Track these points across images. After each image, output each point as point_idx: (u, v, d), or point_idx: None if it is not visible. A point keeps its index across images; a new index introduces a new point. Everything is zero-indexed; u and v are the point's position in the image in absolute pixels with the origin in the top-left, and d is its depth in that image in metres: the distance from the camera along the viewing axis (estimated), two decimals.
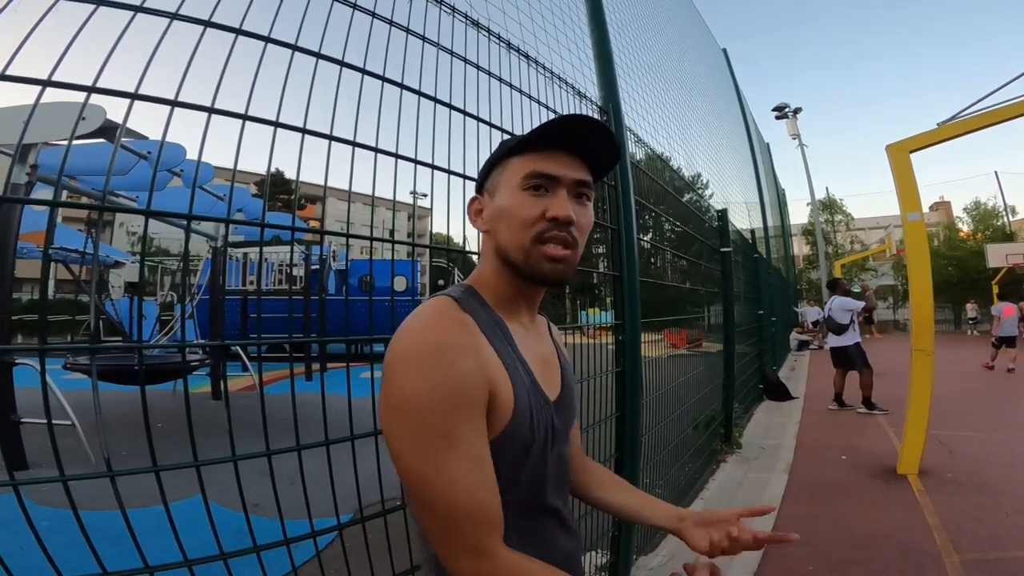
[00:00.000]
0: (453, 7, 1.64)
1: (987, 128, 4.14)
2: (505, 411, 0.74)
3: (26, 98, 1.61)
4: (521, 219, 0.79)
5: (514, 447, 0.76)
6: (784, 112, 25.56)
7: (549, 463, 0.82)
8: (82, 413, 4.24)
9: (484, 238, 0.88)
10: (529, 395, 0.78)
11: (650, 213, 3.12)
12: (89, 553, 1.06)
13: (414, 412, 0.67)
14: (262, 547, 1.20)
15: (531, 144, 0.81)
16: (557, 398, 0.86)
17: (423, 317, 0.75)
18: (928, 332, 4.30)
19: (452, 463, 0.67)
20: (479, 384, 0.71)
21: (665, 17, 5.27)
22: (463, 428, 0.68)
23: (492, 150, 0.91)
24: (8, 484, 0.97)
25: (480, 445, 0.70)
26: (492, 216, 0.83)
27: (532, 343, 0.87)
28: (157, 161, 1.32)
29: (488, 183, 0.86)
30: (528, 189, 0.80)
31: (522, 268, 0.80)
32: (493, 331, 0.79)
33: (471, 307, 0.80)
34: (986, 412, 6.67)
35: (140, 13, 1.04)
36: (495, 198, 0.84)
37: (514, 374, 0.77)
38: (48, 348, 0.99)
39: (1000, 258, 20.93)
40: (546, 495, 0.82)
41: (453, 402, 0.68)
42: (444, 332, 0.72)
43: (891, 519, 3.40)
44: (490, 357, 0.75)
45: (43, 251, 1.25)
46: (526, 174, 0.80)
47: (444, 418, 0.67)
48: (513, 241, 0.80)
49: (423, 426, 0.67)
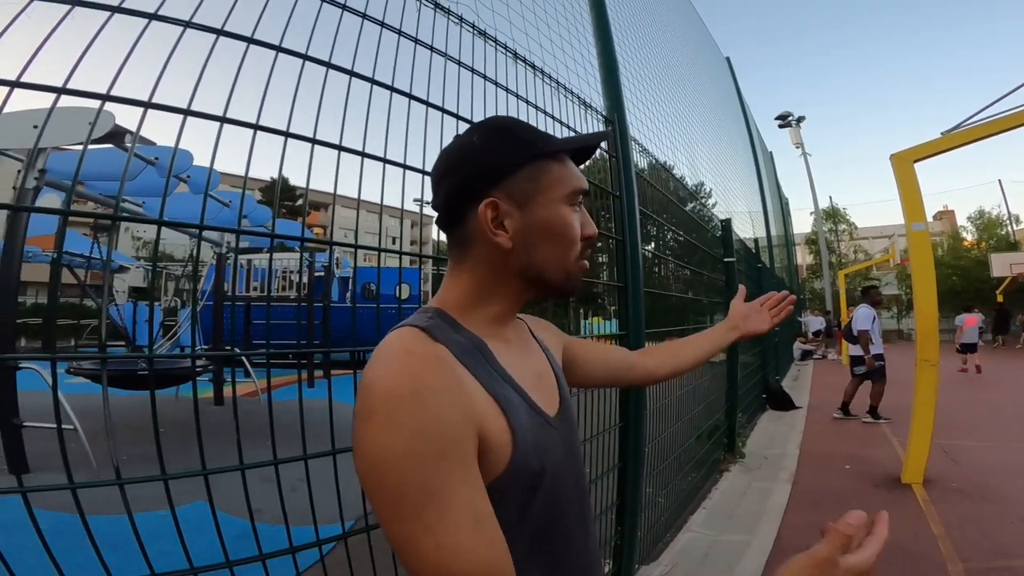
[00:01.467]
0: (461, 18, 1.66)
1: (991, 137, 4.14)
2: (503, 447, 0.65)
3: (33, 103, 1.63)
4: (573, 239, 0.74)
5: (523, 481, 0.67)
6: (787, 121, 25.59)
7: (565, 486, 0.74)
8: (83, 417, 4.24)
9: (489, 252, 0.74)
10: (528, 422, 0.69)
11: (654, 223, 3.12)
12: (89, 557, 1.06)
13: (392, 469, 0.57)
14: (268, 555, 1.20)
15: (564, 151, 0.77)
16: (558, 412, 0.78)
17: (391, 359, 0.64)
18: (933, 342, 4.28)
19: (446, 527, 0.56)
20: (465, 427, 0.61)
21: (669, 27, 5.30)
22: (451, 480, 0.58)
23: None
24: (17, 491, 0.98)
25: (472, 497, 0.59)
26: (527, 230, 0.73)
27: (520, 357, 0.78)
28: (170, 169, 1.33)
29: (511, 185, 0.73)
30: (572, 206, 0.75)
31: (558, 286, 0.76)
32: (473, 357, 0.69)
33: (443, 335, 0.69)
34: (991, 421, 6.64)
35: (154, 21, 1.05)
36: (531, 209, 0.73)
37: (507, 403, 0.68)
38: (58, 356, 1.00)
39: (1004, 267, 20.88)
40: (565, 520, 0.74)
41: (436, 451, 0.58)
42: (418, 373, 0.61)
43: (895, 528, 3.31)
44: (475, 392, 0.65)
45: (52, 258, 1.26)
46: (575, 190, 0.75)
47: (427, 471, 0.57)
48: (558, 260, 0.74)
49: (404, 484, 0.57)
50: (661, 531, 3.12)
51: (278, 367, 10.34)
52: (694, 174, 5.28)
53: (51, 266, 1.61)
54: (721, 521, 3.55)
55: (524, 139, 0.74)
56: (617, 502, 2.37)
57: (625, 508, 2.37)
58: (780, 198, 16.49)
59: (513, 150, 0.73)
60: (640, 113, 3.08)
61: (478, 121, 0.83)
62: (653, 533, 2.96)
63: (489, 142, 0.75)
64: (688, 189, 4.69)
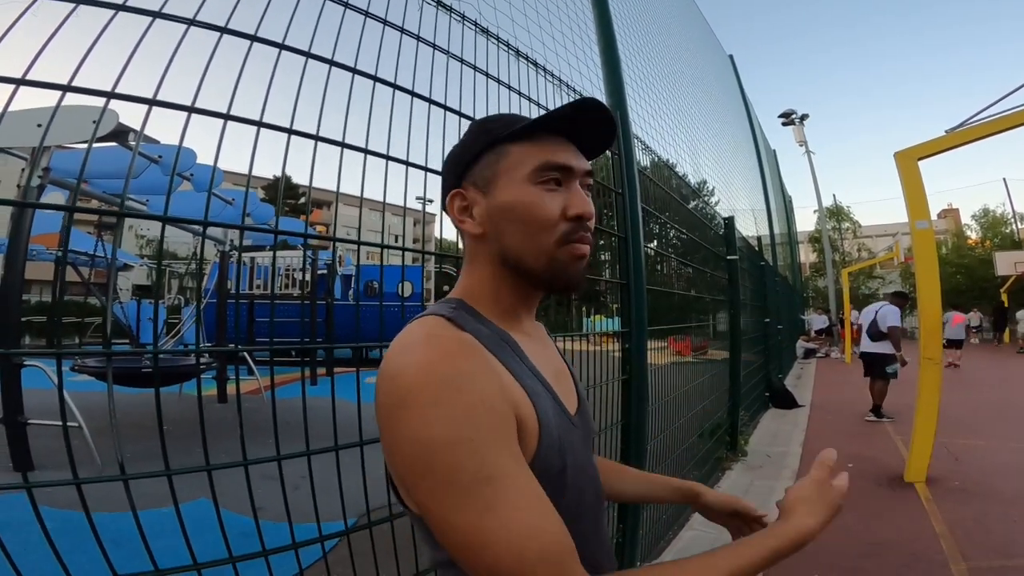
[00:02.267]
0: (463, 15, 1.66)
1: (996, 135, 4.12)
2: (531, 440, 0.63)
3: (36, 101, 1.64)
4: (541, 219, 0.69)
5: (544, 478, 0.63)
6: (791, 119, 25.52)
7: (585, 485, 0.73)
8: (88, 415, 4.26)
9: (473, 242, 0.75)
10: (554, 417, 0.67)
11: (656, 220, 3.12)
12: (93, 554, 1.06)
13: (442, 456, 0.54)
14: (271, 551, 1.21)
15: (536, 129, 0.71)
16: (577, 411, 0.77)
17: (416, 347, 0.61)
18: (936, 340, 4.28)
19: (511, 510, 0.54)
20: (507, 408, 0.59)
21: (672, 24, 5.29)
22: (506, 462, 0.56)
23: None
24: (21, 487, 0.98)
25: (529, 474, 0.57)
26: (492, 215, 0.71)
27: (542, 353, 0.77)
28: (174, 166, 1.33)
29: (474, 174, 0.73)
30: (540, 183, 0.69)
31: (543, 275, 0.70)
32: (501, 348, 0.67)
33: (468, 324, 0.67)
34: (994, 420, 6.62)
35: (158, 19, 1.05)
36: (492, 193, 0.71)
37: (535, 395, 0.66)
38: (64, 353, 1.00)
39: (1009, 266, 20.82)
40: (583, 519, 0.71)
41: (490, 432, 0.55)
42: (452, 355, 0.59)
43: (898, 527, 3.37)
44: (507, 378, 0.63)
45: (57, 255, 1.26)
46: (538, 165, 0.69)
47: (484, 454, 0.54)
48: (531, 245, 0.69)
49: (461, 471, 0.54)
50: (663, 529, 3.12)
51: (281, 364, 10.37)
52: (697, 172, 5.28)
53: (55, 264, 1.61)
54: None
55: (489, 129, 0.74)
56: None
57: (627, 506, 2.37)
58: (783, 196, 16.45)
59: (480, 140, 0.74)
60: (643, 110, 3.08)
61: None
62: (655, 531, 2.96)
63: (465, 140, 0.77)
64: (691, 186, 4.69)
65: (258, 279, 11.43)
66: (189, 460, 1.15)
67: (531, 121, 0.71)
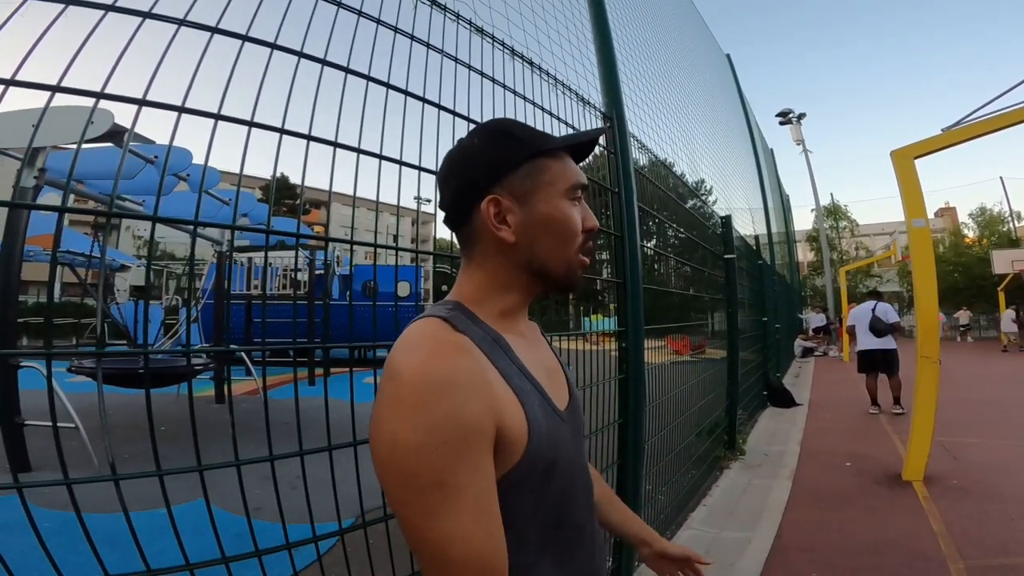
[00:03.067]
0: (458, 15, 1.65)
1: (992, 133, 4.13)
2: (519, 438, 0.67)
3: (32, 102, 1.63)
4: (575, 231, 0.77)
5: (536, 472, 0.69)
6: (788, 118, 25.49)
7: (575, 478, 0.78)
8: (85, 416, 4.25)
9: (496, 248, 0.77)
10: (543, 415, 0.71)
11: (653, 219, 3.12)
12: (89, 555, 1.06)
13: (406, 458, 0.60)
14: (264, 551, 1.20)
15: (563, 148, 0.80)
16: (567, 407, 0.81)
17: (417, 348, 0.66)
18: (934, 339, 4.28)
19: (450, 515, 0.60)
20: (486, 420, 0.63)
21: (668, 23, 5.28)
22: (463, 474, 0.60)
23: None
24: (12, 487, 0.98)
25: (482, 490, 0.62)
26: (530, 225, 0.75)
27: (534, 352, 0.80)
28: (164, 166, 1.33)
29: (512, 183, 0.76)
30: (572, 199, 0.78)
31: (560, 279, 0.78)
32: (493, 349, 0.71)
33: (464, 326, 0.71)
34: (991, 419, 6.63)
35: (148, 19, 1.05)
36: (531, 205, 0.75)
37: (524, 395, 0.70)
38: (55, 353, 1.00)
39: (1006, 264, 20.85)
40: (574, 511, 0.77)
41: (455, 446, 0.60)
42: (445, 363, 0.63)
43: (896, 526, 3.38)
44: (496, 382, 0.67)
45: (51, 255, 1.26)
46: (573, 184, 0.77)
47: (443, 464, 0.59)
48: (560, 254, 0.77)
49: (416, 474, 0.59)
50: (661, 528, 3.12)
51: (277, 365, 10.35)
52: (694, 171, 5.28)
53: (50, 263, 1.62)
54: (721, 518, 3.55)
55: (522, 138, 0.78)
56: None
57: (625, 504, 2.37)
58: (781, 195, 16.47)
59: (512, 149, 0.77)
60: (639, 109, 3.08)
61: (479, 124, 0.87)
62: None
63: (489, 143, 0.79)
64: (688, 186, 4.69)
65: (255, 279, 11.42)
66: (186, 460, 1.14)
67: (569, 144, 0.80)
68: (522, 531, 0.69)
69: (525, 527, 0.70)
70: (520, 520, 0.69)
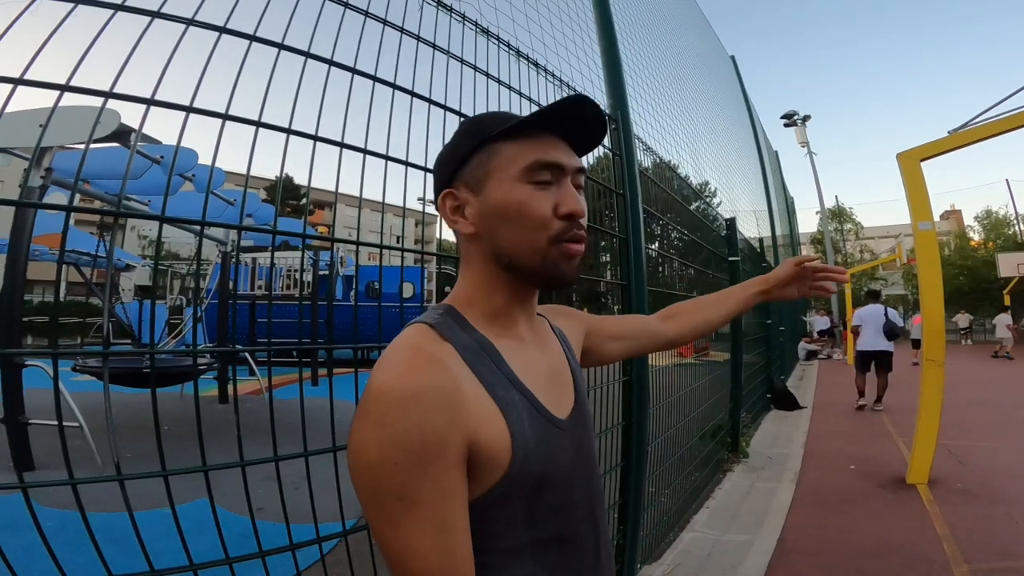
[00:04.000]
0: (463, 15, 1.66)
1: (998, 136, 4.11)
2: (501, 452, 0.65)
3: (40, 102, 1.64)
4: (533, 218, 0.69)
5: (524, 486, 0.67)
6: (793, 120, 25.48)
7: (573, 489, 0.73)
8: (89, 415, 4.27)
9: (466, 241, 0.76)
10: (531, 427, 0.68)
11: (658, 221, 3.11)
12: (92, 555, 1.06)
13: (369, 471, 0.60)
14: (267, 552, 1.20)
15: (526, 127, 0.71)
16: (570, 414, 0.77)
17: (395, 358, 0.65)
18: (939, 342, 4.26)
19: (410, 528, 0.59)
20: (451, 435, 0.61)
21: (673, 24, 5.28)
22: (424, 490, 0.59)
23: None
24: (16, 487, 0.98)
25: (444, 507, 0.61)
26: (485, 214, 0.72)
27: (533, 356, 0.77)
28: (172, 166, 1.34)
29: (465, 173, 0.74)
30: (532, 182, 0.70)
31: (536, 272, 0.71)
32: (478, 358, 0.69)
33: (451, 332, 0.69)
34: (996, 422, 6.61)
35: (156, 19, 1.05)
36: (484, 192, 0.72)
37: (508, 407, 0.67)
38: (61, 353, 1.00)
39: (1012, 267, 20.75)
40: (574, 523, 0.73)
41: (416, 460, 0.59)
42: (413, 376, 0.62)
43: (900, 529, 3.36)
44: (474, 396, 0.65)
45: (58, 256, 1.26)
46: (529, 164, 0.70)
47: (400, 479, 0.59)
48: (524, 243, 0.70)
49: (379, 486, 0.60)
50: (664, 530, 3.12)
51: (281, 365, 10.37)
52: (698, 172, 5.27)
53: (57, 263, 1.63)
54: (724, 521, 3.54)
55: (480, 128, 0.74)
56: (619, 501, 2.37)
57: (627, 507, 2.37)
58: (785, 197, 16.42)
59: (470, 139, 0.74)
60: (644, 111, 3.08)
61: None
62: (656, 532, 2.95)
63: (455, 139, 0.77)
64: (692, 187, 4.68)
65: (260, 279, 11.44)
66: (191, 460, 1.14)
67: (521, 119, 0.71)
68: (513, 545, 0.67)
69: (516, 541, 0.67)
70: (510, 534, 0.67)
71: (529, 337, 0.79)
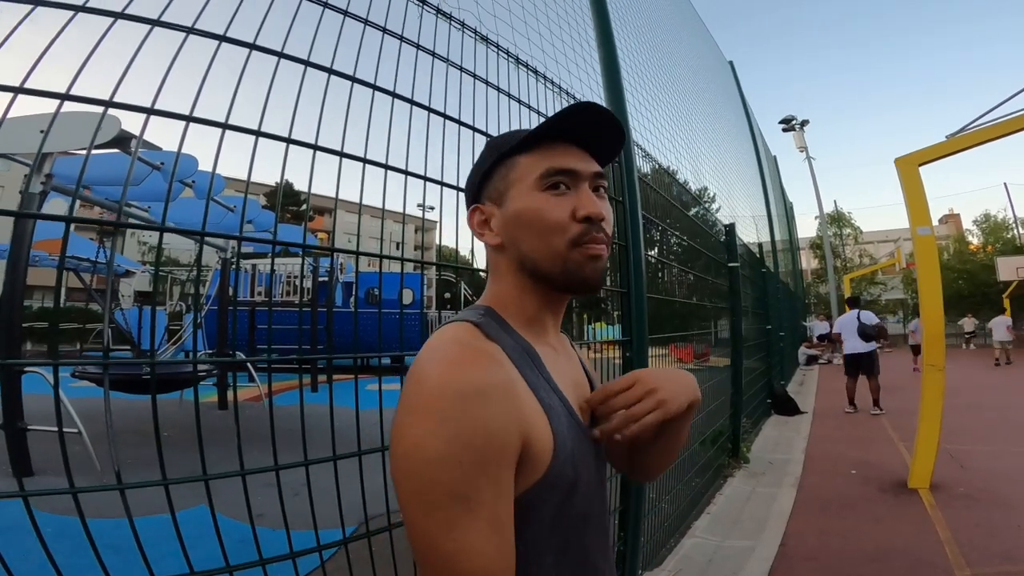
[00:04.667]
0: (463, 23, 1.66)
1: (997, 140, 4.12)
2: (544, 455, 0.65)
3: (41, 108, 1.65)
4: (551, 223, 0.71)
5: (558, 489, 0.67)
6: (791, 124, 25.55)
7: (593, 497, 0.74)
8: (89, 421, 4.26)
9: (494, 252, 0.78)
10: (568, 432, 0.69)
11: (657, 228, 3.12)
12: (92, 560, 1.06)
13: (428, 468, 0.58)
14: (267, 560, 1.20)
15: (540, 139, 0.74)
16: (592, 424, 0.78)
17: (445, 352, 0.64)
18: (939, 347, 4.26)
19: (468, 529, 0.58)
20: (512, 433, 0.61)
21: (672, 30, 5.30)
22: (484, 489, 0.58)
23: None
24: (17, 495, 0.98)
25: (501, 507, 0.60)
26: (507, 224, 0.74)
27: (564, 366, 0.78)
28: (172, 174, 1.34)
29: (489, 189, 0.77)
30: (548, 189, 0.72)
31: (559, 277, 0.72)
32: (523, 359, 0.69)
33: (495, 333, 0.69)
34: (998, 426, 6.59)
35: (156, 27, 1.06)
36: (506, 204, 0.74)
37: (552, 410, 0.68)
38: (60, 362, 1.00)
39: (1011, 271, 20.77)
40: (590, 529, 0.74)
41: (479, 458, 0.58)
42: (473, 371, 0.61)
43: (901, 533, 3.35)
44: (525, 395, 0.65)
45: (58, 264, 1.26)
46: (543, 172, 0.72)
47: (464, 476, 0.57)
48: (545, 249, 0.71)
49: (437, 485, 0.58)
50: (664, 537, 3.11)
51: (281, 371, 10.35)
52: (697, 178, 5.28)
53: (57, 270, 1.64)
54: (725, 527, 3.53)
55: (499, 144, 0.78)
56: (620, 507, 2.37)
57: (628, 513, 2.36)
58: (784, 202, 16.44)
59: (491, 156, 0.78)
60: (643, 117, 3.09)
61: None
62: (656, 539, 2.94)
63: (480, 158, 0.81)
64: (691, 193, 4.69)
65: (260, 286, 11.44)
66: (191, 467, 1.14)
67: (533, 131, 0.74)
68: (538, 550, 0.67)
69: (542, 547, 0.67)
70: (537, 539, 0.66)
71: (558, 348, 0.81)
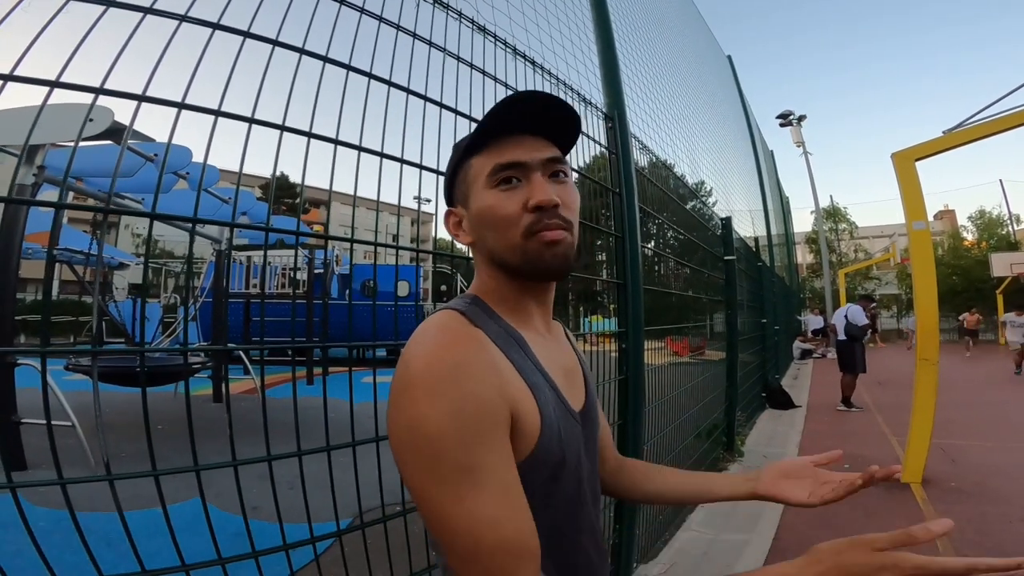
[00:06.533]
0: (460, 12, 1.65)
1: (992, 136, 4.12)
2: (531, 432, 0.67)
3: (34, 99, 1.62)
4: (503, 217, 0.72)
5: (544, 470, 0.68)
6: (788, 119, 25.52)
7: (583, 481, 0.76)
8: (83, 414, 4.24)
9: (472, 250, 0.82)
10: (555, 411, 0.71)
11: (654, 220, 3.11)
12: (84, 555, 1.05)
13: (429, 444, 0.59)
14: (260, 552, 1.19)
15: (486, 137, 0.75)
16: (582, 409, 0.80)
17: (430, 335, 0.67)
18: (933, 341, 4.28)
19: (477, 499, 0.58)
20: (501, 405, 0.63)
21: (670, 24, 5.28)
22: (487, 455, 0.60)
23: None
24: (5, 487, 0.97)
25: (507, 471, 0.61)
26: (473, 224, 0.77)
27: (552, 351, 0.80)
28: (163, 164, 1.33)
29: (457, 192, 0.80)
30: (499, 185, 0.73)
31: (522, 267, 0.73)
32: (508, 344, 0.71)
33: (480, 320, 0.72)
34: (990, 421, 6.63)
35: (149, 15, 1.04)
36: (469, 205, 0.77)
37: (538, 390, 0.70)
38: (50, 351, 0.99)
39: (1004, 267, 20.85)
40: (580, 515, 0.75)
41: (475, 427, 0.59)
42: (457, 349, 0.64)
43: (894, 527, 3.26)
44: (510, 374, 0.67)
45: (47, 253, 1.25)
46: (491, 170, 0.74)
47: (466, 447, 0.59)
48: (504, 243, 0.73)
49: (442, 459, 0.59)
50: (659, 530, 3.12)
51: (275, 364, 10.33)
52: (695, 172, 5.27)
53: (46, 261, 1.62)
54: (720, 520, 3.54)
55: (458, 147, 0.81)
56: (615, 500, 2.37)
57: (623, 506, 2.37)
58: (781, 197, 16.48)
59: (453, 161, 0.82)
60: (641, 110, 3.07)
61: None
62: (651, 532, 2.95)
63: (448, 165, 0.84)
64: (688, 187, 4.68)
65: (254, 278, 11.39)
66: (184, 459, 1.14)
67: (474, 131, 0.77)
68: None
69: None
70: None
71: (545, 332, 0.82)
